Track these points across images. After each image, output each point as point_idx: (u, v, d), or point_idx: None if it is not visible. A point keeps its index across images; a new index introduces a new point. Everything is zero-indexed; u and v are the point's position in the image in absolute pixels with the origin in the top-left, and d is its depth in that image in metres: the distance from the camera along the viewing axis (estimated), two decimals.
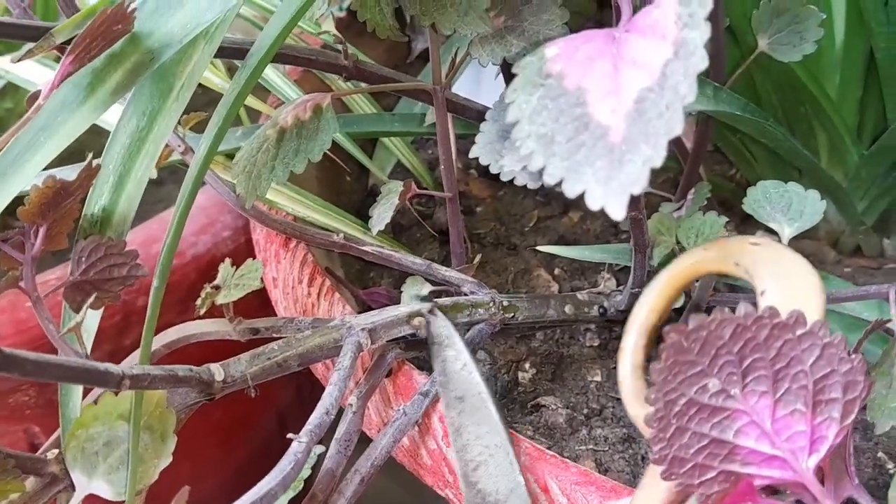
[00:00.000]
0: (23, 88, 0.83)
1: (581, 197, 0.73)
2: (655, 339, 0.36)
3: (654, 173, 0.30)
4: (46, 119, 0.41)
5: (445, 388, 0.44)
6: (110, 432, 0.39)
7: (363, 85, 0.53)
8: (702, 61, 0.30)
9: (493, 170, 0.40)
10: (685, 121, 0.31)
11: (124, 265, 0.43)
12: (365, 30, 0.48)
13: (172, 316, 0.63)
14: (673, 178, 0.66)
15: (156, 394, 0.41)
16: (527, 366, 0.56)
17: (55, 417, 0.47)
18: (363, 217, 0.62)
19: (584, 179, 0.31)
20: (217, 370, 0.43)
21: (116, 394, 0.41)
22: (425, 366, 0.53)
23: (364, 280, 0.63)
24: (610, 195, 0.31)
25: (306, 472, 0.42)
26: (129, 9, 0.42)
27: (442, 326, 0.45)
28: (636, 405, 0.34)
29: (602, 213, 0.69)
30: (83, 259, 0.42)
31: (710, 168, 0.68)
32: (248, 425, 0.82)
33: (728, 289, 0.53)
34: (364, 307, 0.57)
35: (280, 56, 0.48)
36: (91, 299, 0.42)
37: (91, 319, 0.43)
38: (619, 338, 0.58)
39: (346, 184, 0.69)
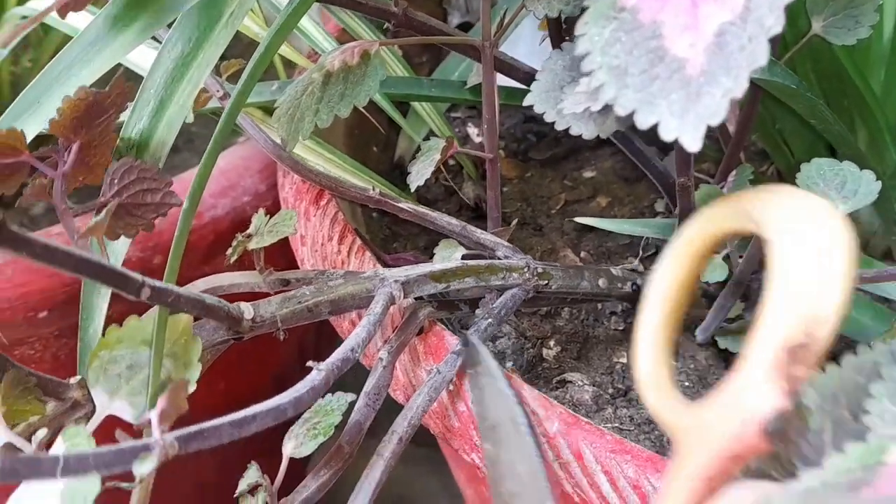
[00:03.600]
0: (44, 44, 0.83)
1: (609, 182, 0.71)
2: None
3: (693, 159, 0.28)
4: (95, 34, 0.39)
5: (482, 419, 0.42)
6: (133, 356, 0.38)
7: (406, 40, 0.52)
8: None
9: (549, 117, 0.39)
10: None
11: (157, 191, 0.41)
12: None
13: (187, 280, 0.62)
14: (706, 168, 0.65)
15: (181, 321, 0.39)
16: (552, 343, 0.55)
17: (60, 373, 0.46)
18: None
19: (657, 111, 0.30)
20: (247, 308, 0.42)
21: (140, 315, 0.40)
22: (456, 327, 0.51)
23: (388, 250, 0.61)
24: (685, 127, 0.30)
25: (337, 419, 0.41)
26: None
27: (480, 354, 0.43)
28: (655, 394, 0.31)
29: (630, 199, 0.68)
30: (115, 181, 0.41)
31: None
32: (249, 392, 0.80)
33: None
34: None
35: None
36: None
37: (120, 246, 0.42)
38: None
39: (372, 154, 0.68)
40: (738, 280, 0.46)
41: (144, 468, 0.30)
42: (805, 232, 0.28)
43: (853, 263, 0.27)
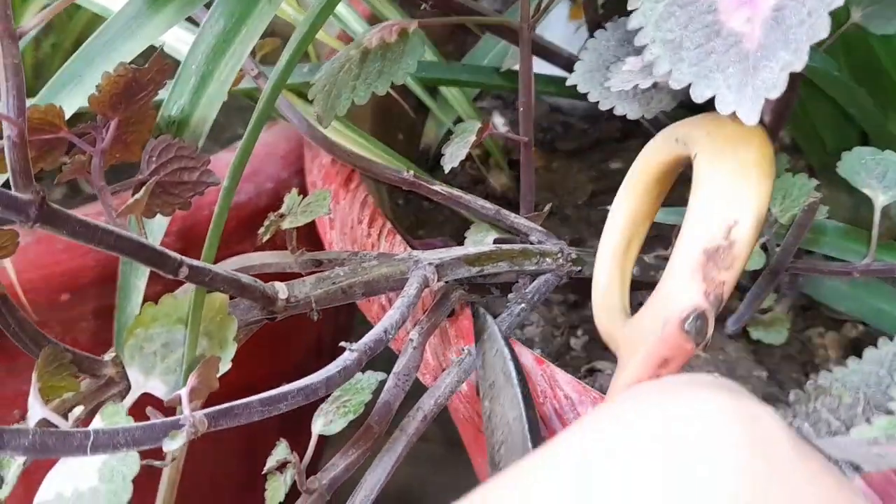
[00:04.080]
0: (68, 28, 0.82)
1: None
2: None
3: None
4: (135, 10, 0.39)
5: (483, 380, 0.43)
6: (169, 335, 0.38)
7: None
8: None
9: (593, 97, 0.39)
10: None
11: (195, 170, 0.41)
12: None
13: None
14: None
15: (217, 300, 0.39)
16: (579, 332, 0.55)
17: None
18: None
19: (714, 84, 0.30)
20: (282, 288, 0.41)
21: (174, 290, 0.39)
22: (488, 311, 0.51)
23: (414, 237, 0.61)
24: (743, 100, 0.29)
25: (367, 397, 0.41)
26: None
27: (486, 321, 0.44)
28: (605, 315, 0.32)
29: None
30: (153, 159, 0.40)
31: None
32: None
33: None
34: None
35: None
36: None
37: (157, 225, 0.41)
38: None
39: (397, 142, 0.67)
40: (775, 269, 0.45)
41: (174, 444, 0.30)
42: (726, 146, 0.29)
43: (772, 173, 0.29)
